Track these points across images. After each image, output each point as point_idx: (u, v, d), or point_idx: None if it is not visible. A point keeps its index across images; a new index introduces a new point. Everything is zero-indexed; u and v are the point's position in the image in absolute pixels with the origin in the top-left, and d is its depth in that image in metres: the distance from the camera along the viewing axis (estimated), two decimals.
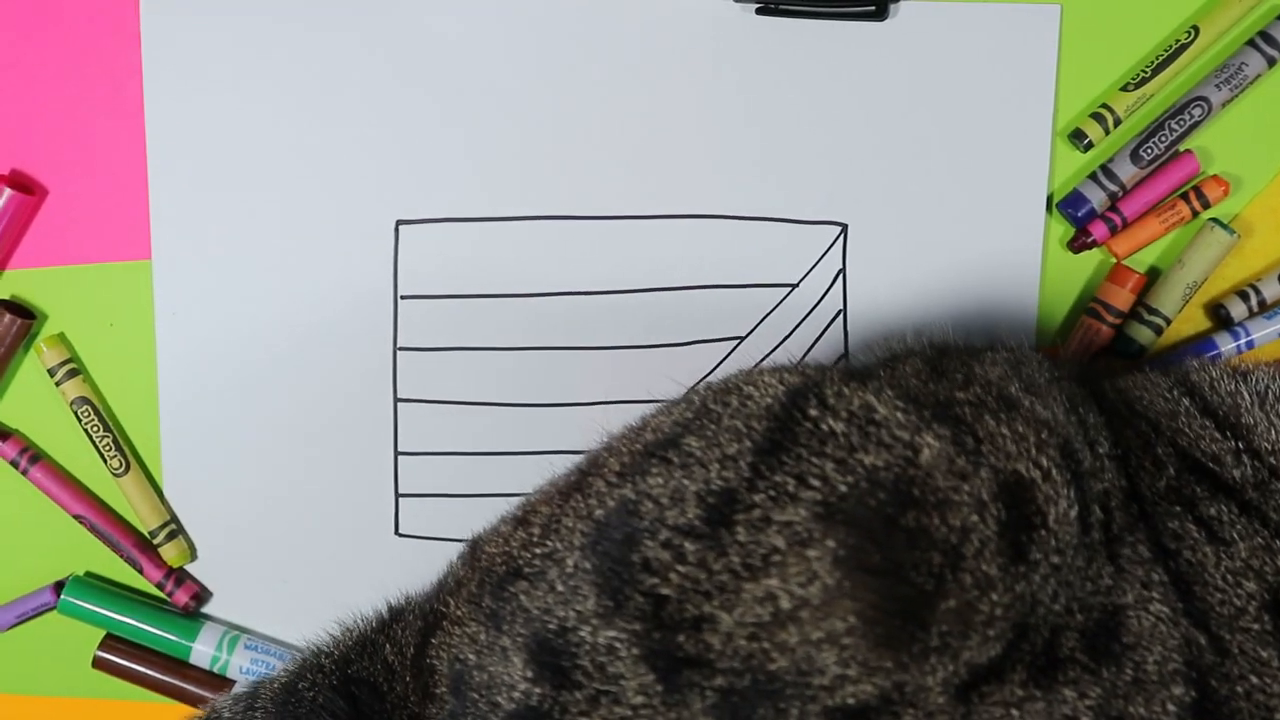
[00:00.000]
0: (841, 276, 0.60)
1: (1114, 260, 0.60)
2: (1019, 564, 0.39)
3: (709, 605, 0.39)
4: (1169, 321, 0.60)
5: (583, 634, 0.40)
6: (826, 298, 0.60)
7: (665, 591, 0.40)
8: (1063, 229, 0.60)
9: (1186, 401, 0.47)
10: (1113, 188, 0.59)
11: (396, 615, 0.51)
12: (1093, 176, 0.59)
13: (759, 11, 0.58)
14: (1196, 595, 0.41)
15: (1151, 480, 0.45)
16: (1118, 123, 0.59)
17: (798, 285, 0.60)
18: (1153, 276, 0.60)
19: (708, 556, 0.40)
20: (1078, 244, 0.60)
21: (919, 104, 0.59)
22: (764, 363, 0.60)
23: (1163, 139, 0.59)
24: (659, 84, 0.58)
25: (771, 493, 0.40)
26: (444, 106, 0.58)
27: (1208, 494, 0.44)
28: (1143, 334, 0.60)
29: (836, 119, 0.59)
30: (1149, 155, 0.59)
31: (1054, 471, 0.41)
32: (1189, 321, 0.61)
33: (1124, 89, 0.59)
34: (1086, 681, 0.39)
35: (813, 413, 0.43)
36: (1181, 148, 0.59)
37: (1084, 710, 0.38)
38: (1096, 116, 0.59)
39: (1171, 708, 0.39)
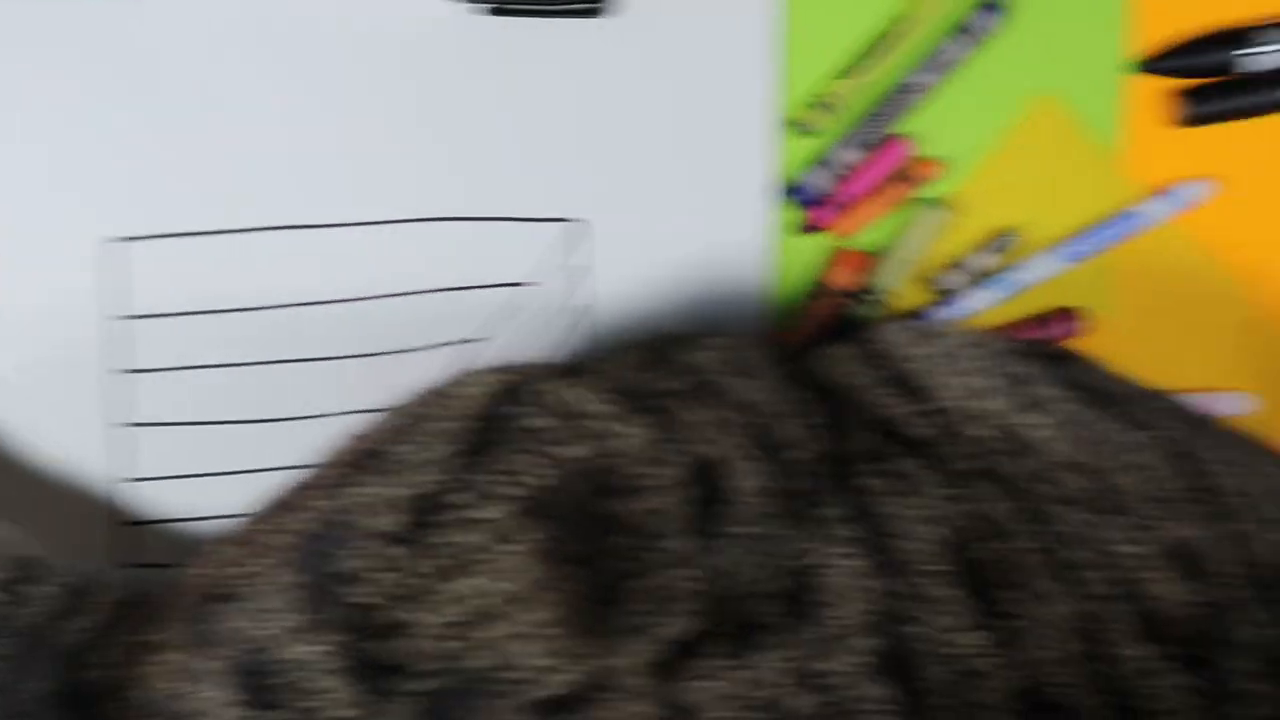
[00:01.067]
0: (580, 272, 0.60)
1: (839, 243, 0.62)
2: (709, 539, 0.40)
3: (410, 610, 0.39)
4: (892, 298, 0.62)
5: (284, 652, 0.40)
6: (565, 295, 0.60)
7: (366, 600, 0.39)
8: (791, 214, 0.62)
9: (872, 373, 0.49)
10: (834, 172, 0.61)
11: (129, 605, 0.49)
12: (816, 162, 0.61)
13: (486, 12, 0.58)
14: (887, 546, 0.43)
15: (851, 443, 0.47)
16: (837, 109, 0.61)
17: (535, 284, 0.60)
18: (876, 256, 0.62)
19: (409, 562, 0.40)
20: (805, 228, 0.61)
21: (646, 98, 0.60)
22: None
23: (878, 124, 0.61)
24: (386, 87, 0.58)
25: (474, 492, 0.41)
26: (161, 118, 0.57)
27: (900, 451, 0.46)
28: (868, 312, 0.62)
29: (566, 116, 0.59)
30: (866, 140, 0.61)
31: (742, 449, 0.42)
32: (908, 298, 0.63)
33: (842, 77, 0.61)
34: (784, 644, 0.40)
35: (518, 410, 0.43)
36: (896, 132, 0.61)
37: (781, 672, 0.39)
38: (817, 104, 0.60)
39: (864, 658, 0.40)
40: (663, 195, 0.60)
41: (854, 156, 0.61)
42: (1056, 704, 0.41)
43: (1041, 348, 0.55)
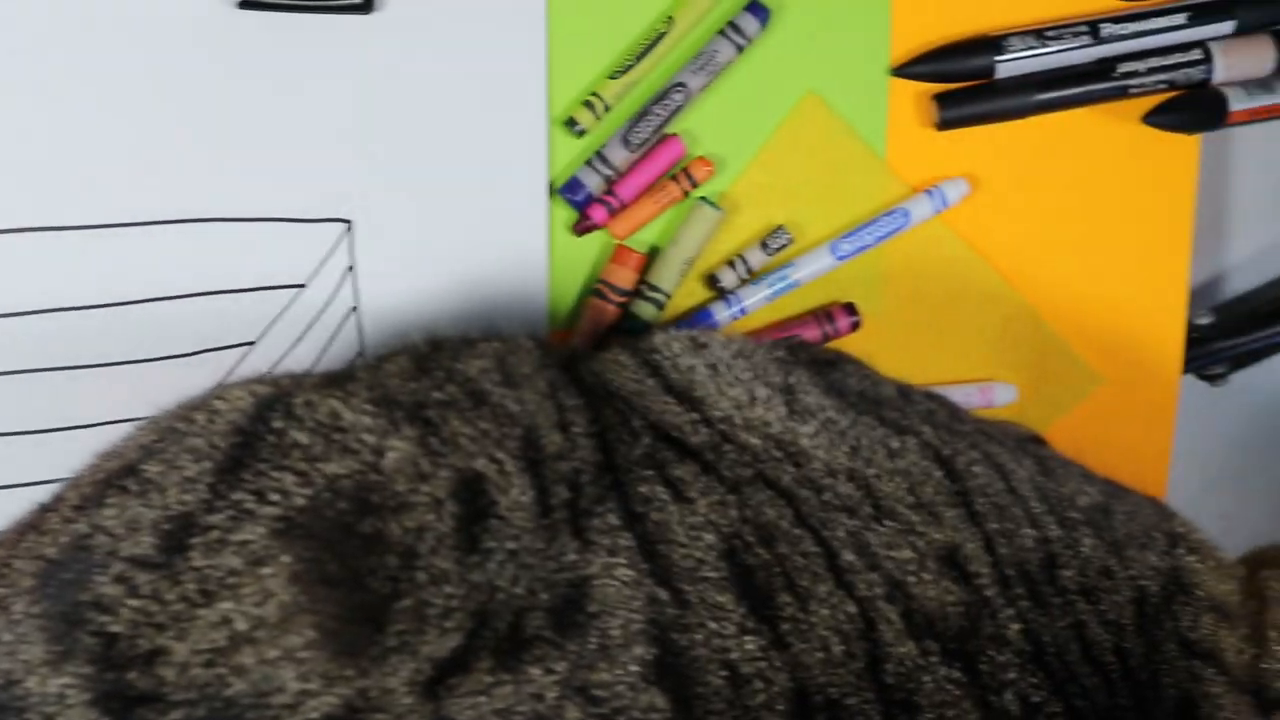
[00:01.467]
0: (351, 274, 0.59)
1: (616, 241, 0.63)
2: (473, 554, 0.40)
3: (162, 637, 0.38)
4: (669, 296, 0.63)
5: (30, 685, 0.38)
6: (337, 297, 0.59)
7: (116, 629, 0.38)
8: (566, 214, 0.62)
9: (651, 381, 0.50)
10: (608, 172, 0.61)
11: None
12: (589, 162, 0.61)
13: (241, 5, 0.56)
14: (661, 554, 0.43)
15: (628, 450, 0.47)
16: (607, 109, 0.61)
17: (306, 286, 0.59)
18: (653, 254, 0.63)
19: (161, 586, 0.38)
20: (580, 227, 0.62)
21: (416, 96, 0.59)
22: (277, 367, 0.59)
23: (649, 123, 0.61)
24: (143, 84, 0.55)
25: (230, 513, 0.39)
26: None
27: (676, 458, 0.47)
28: (647, 310, 0.62)
29: (333, 114, 0.58)
30: (638, 139, 0.61)
31: (509, 463, 0.43)
32: (690, 295, 0.64)
33: (611, 77, 0.61)
34: (553, 657, 0.40)
35: (277, 424, 0.42)
36: (668, 131, 0.62)
37: (550, 685, 0.40)
38: (588, 104, 0.61)
39: (634, 668, 0.41)
40: (436, 194, 0.59)
41: (626, 156, 0.61)
42: (828, 703, 0.42)
43: (806, 354, 0.56)
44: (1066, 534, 0.49)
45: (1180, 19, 0.63)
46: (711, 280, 0.64)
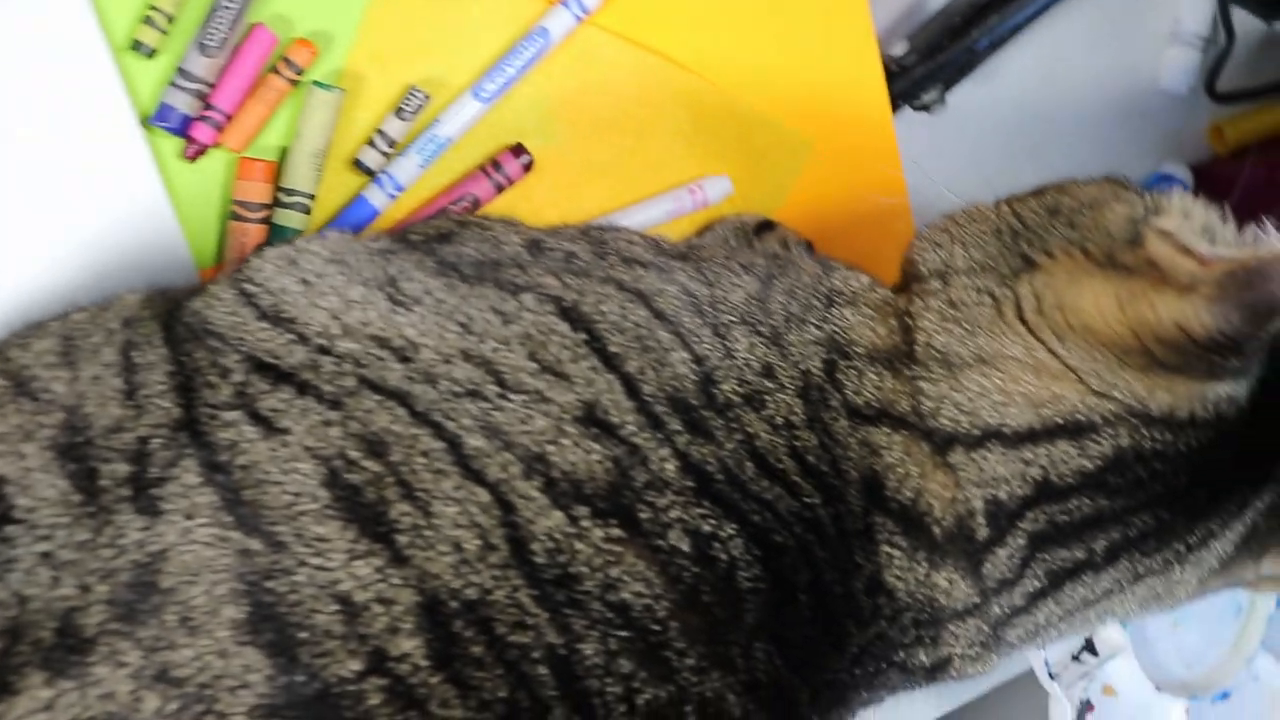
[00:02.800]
0: None
1: (236, 156, 0.57)
2: None
3: None
4: (312, 196, 0.58)
5: None
6: None
7: None
8: (174, 144, 0.57)
9: (246, 310, 0.45)
10: (195, 86, 0.56)
11: None
12: (173, 82, 0.56)
13: None
14: (248, 500, 0.40)
15: (214, 394, 0.43)
16: (170, 20, 0.55)
17: None
18: (280, 159, 0.58)
19: None
20: (190, 152, 0.57)
21: None
22: None
23: (222, 20, 0.56)
24: None
25: None
26: None
27: (270, 387, 0.43)
28: (293, 219, 0.58)
29: None
30: (215, 42, 0.56)
31: (35, 456, 0.40)
32: (343, 186, 0.60)
33: None
34: (123, 649, 0.37)
35: None
36: (251, 22, 0.56)
37: (122, 680, 0.37)
38: (148, 20, 0.55)
39: (224, 633, 0.38)
40: (19, 167, 0.54)
41: (210, 63, 0.56)
42: (468, 605, 0.39)
43: (419, 234, 0.52)
44: (720, 342, 0.45)
45: None
46: (357, 165, 0.59)
